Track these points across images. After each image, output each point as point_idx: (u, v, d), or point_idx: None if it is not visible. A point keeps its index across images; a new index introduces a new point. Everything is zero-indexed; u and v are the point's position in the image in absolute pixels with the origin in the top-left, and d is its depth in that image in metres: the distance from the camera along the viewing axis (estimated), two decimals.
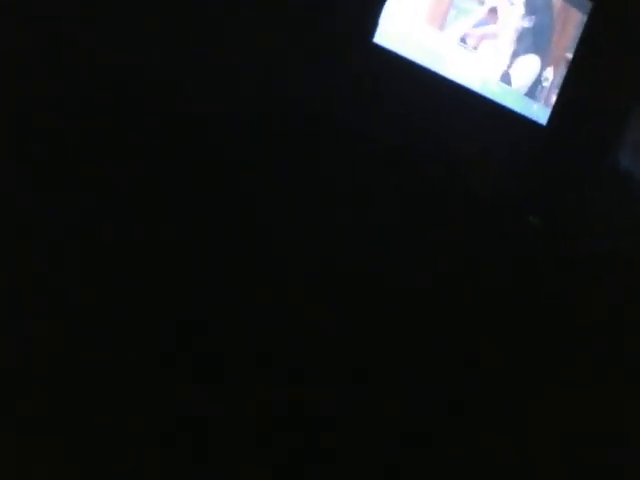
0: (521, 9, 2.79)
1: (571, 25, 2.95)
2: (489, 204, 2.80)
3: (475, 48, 2.76)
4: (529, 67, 2.93)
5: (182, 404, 1.38)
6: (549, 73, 2.98)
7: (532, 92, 2.98)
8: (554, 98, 3.04)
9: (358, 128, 2.52)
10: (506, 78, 2.89)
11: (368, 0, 2.54)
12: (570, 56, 3.00)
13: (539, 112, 3.03)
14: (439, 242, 2.47)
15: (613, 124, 3.15)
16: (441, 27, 2.67)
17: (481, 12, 2.72)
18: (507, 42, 2.82)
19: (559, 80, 3.03)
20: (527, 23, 2.82)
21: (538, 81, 2.97)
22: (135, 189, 1.83)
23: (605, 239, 2.84)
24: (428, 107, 2.75)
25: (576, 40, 2.98)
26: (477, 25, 2.73)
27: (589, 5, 2.96)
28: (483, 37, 2.77)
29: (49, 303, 1.46)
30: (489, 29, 2.77)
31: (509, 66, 2.87)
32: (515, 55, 2.87)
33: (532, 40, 2.88)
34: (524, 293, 2.36)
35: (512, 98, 2.94)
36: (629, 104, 3.13)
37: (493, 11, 2.74)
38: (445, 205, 2.65)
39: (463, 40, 2.72)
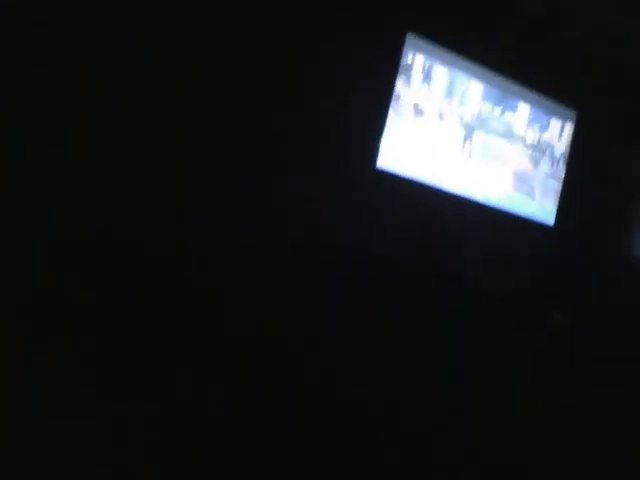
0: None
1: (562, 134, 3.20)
2: (506, 306, 2.85)
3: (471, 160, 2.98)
4: (529, 175, 3.12)
5: None
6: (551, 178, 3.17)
7: (535, 195, 3.14)
8: (557, 199, 3.19)
9: (374, 251, 2.66)
10: (511, 185, 3.07)
11: (369, 129, 2.78)
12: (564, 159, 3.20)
13: (544, 214, 3.17)
14: (466, 349, 2.50)
15: (620, 217, 3.25)
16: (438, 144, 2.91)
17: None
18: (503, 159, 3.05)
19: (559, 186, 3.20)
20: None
21: (539, 185, 3.15)
22: None
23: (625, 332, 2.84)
24: (438, 222, 2.91)
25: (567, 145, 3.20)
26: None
27: (574, 113, 3.21)
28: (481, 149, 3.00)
29: None
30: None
31: (511, 178, 3.07)
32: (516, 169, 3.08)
33: (531, 152, 3.11)
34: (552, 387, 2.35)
35: (517, 203, 3.10)
36: (630, 194, 3.26)
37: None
38: (461, 312, 2.70)
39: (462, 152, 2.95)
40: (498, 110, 3.02)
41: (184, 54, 2.32)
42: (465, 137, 2.97)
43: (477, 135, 2.98)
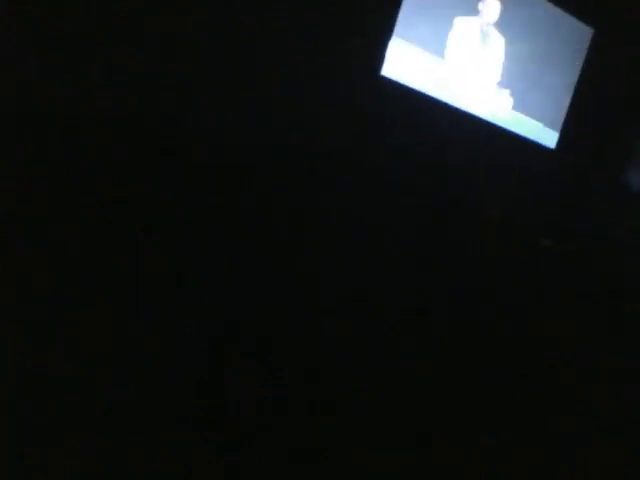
0: (520, 35, 2.87)
1: (573, 49, 3.02)
2: (501, 228, 2.84)
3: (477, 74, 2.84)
4: (535, 92, 2.99)
5: None
6: (556, 97, 3.04)
7: (540, 116, 3.03)
8: (562, 122, 3.08)
9: (370, 160, 2.59)
10: (513, 104, 2.94)
11: (375, 35, 2.63)
12: (574, 80, 3.05)
13: (548, 136, 3.07)
14: (452, 265, 2.50)
15: (622, 145, 3.17)
16: (444, 56, 2.75)
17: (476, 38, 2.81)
18: (507, 68, 2.89)
19: (566, 104, 3.08)
20: (527, 48, 2.90)
21: (545, 106, 3.02)
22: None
23: (615, 258, 2.85)
24: (437, 135, 2.82)
25: (579, 64, 3.04)
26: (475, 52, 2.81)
27: (590, 31, 3.02)
28: (483, 62, 2.84)
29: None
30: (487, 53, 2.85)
31: (514, 92, 2.93)
32: (519, 81, 2.93)
33: (536, 65, 2.95)
34: (536, 313, 2.38)
35: (520, 123, 2.99)
36: (637, 123, 3.16)
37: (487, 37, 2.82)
38: (458, 230, 2.68)
39: (466, 67, 2.80)
40: (514, 17, 2.83)
41: None
42: (476, 45, 2.80)
43: (489, 43, 2.81)
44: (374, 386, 1.70)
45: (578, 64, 3.05)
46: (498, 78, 2.88)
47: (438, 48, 2.72)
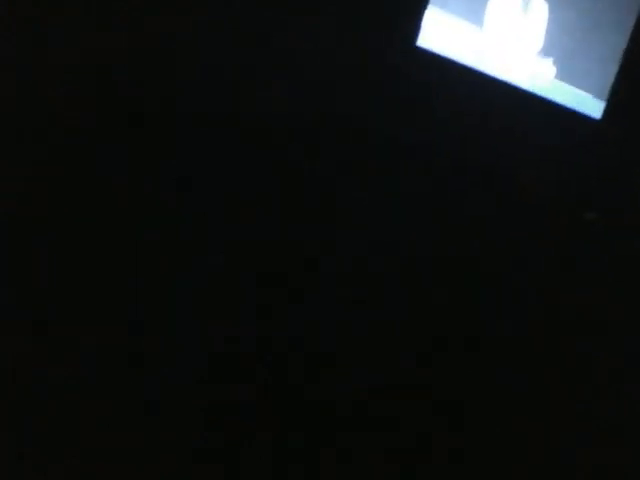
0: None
1: (622, 13, 2.86)
2: (544, 201, 2.75)
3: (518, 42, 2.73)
4: (580, 60, 2.85)
5: None
6: (602, 64, 2.89)
7: (584, 85, 2.89)
8: (608, 91, 2.93)
9: (405, 133, 2.54)
10: (556, 73, 2.82)
11: (409, 4, 2.57)
12: (624, 46, 2.89)
13: (593, 106, 2.94)
14: (493, 241, 2.45)
15: None
16: (483, 24, 2.66)
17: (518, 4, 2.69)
18: (550, 35, 2.77)
19: (614, 71, 2.93)
20: (573, 12, 2.76)
21: (590, 73, 2.88)
22: None
23: None
24: (476, 107, 2.74)
25: (629, 28, 2.88)
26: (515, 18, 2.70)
27: None
28: (524, 30, 2.73)
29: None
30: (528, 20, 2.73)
31: (557, 60, 2.81)
32: (562, 48, 2.80)
33: (581, 31, 2.81)
34: (578, 291, 2.30)
35: (563, 92, 2.87)
36: None
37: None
38: (499, 204, 2.62)
39: (506, 35, 2.70)
40: None
41: None
42: (517, 12, 2.69)
43: (531, 9, 2.70)
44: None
45: (628, 28, 2.88)
46: (540, 46, 2.76)
47: (476, 17, 2.63)
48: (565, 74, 2.82)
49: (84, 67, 1.98)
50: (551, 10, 2.71)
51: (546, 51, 2.77)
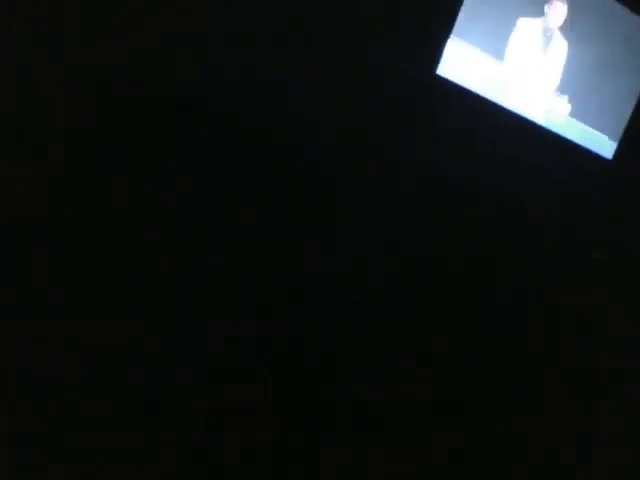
0: (585, 39, 2.78)
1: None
2: (552, 237, 2.77)
3: (535, 79, 2.77)
4: (595, 100, 2.89)
5: None
6: (617, 106, 2.93)
7: (598, 124, 2.93)
8: (621, 131, 2.97)
9: (420, 160, 2.56)
10: (570, 110, 2.86)
11: (431, 33, 2.60)
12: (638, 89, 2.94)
13: (605, 145, 2.97)
14: (499, 273, 2.46)
15: None
16: (503, 58, 2.69)
17: (539, 42, 2.74)
18: (568, 74, 2.81)
19: (627, 113, 2.97)
20: (592, 53, 2.81)
21: (604, 114, 2.92)
22: None
23: None
24: (491, 139, 2.77)
25: None
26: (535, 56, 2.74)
27: None
28: (543, 66, 2.77)
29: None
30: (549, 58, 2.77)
31: (572, 98, 2.85)
32: (578, 87, 2.84)
33: (598, 71, 2.85)
34: (584, 326, 2.31)
35: (577, 131, 2.90)
36: None
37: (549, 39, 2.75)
38: (508, 237, 2.64)
39: (525, 70, 2.74)
40: (580, 21, 2.75)
41: None
42: (538, 48, 2.73)
43: (551, 46, 2.74)
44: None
45: None
46: (557, 83, 2.80)
47: (497, 49, 2.67)
48: (579, 113, 2.86)
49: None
50: (570, 49, 2.76)
51: (562, 89, 2.81)
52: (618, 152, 2.96)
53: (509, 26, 2.66)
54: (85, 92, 1.97)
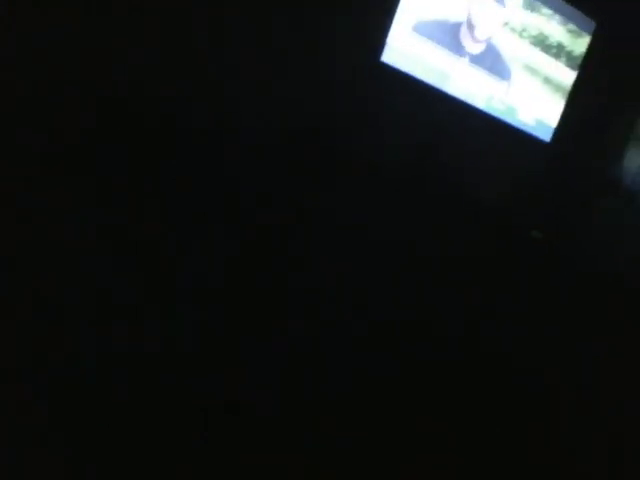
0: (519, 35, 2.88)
1: (575, 44, 3.03)
2: (492, 217, 2.87)
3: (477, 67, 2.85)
4: (532, 84, 3.00)
5: None
6: (554, 91, 3.05)
7: (536, 109, 3.04)
8: (558, 116, 3.10)
9: (365, 144, 2.61)
10: (510, 95, 2.96)
11: (375, 19, 2.63)
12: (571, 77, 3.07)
13: (543, 129, 3.09)
14: (444, 255, 2.53)
15: (615, 142, 3.20)
16: (449, 45, 2.76)
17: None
18: (508, 61, 2.90)
19: (564, 98, 3.09)
20: (528, 48, 2.91)
21: (542, 98, 3.04)
22: None
23: (605, 255, 2.90)
24: (434, 124, 2.84)
25: (578, 58, 3.05)
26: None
27: (593, 25, 3.03)
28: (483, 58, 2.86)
29: None
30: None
31: (512, 84, 2.95)
32: (516, 72, 2.94)
33: (535, 58, 2.95)
34: (525, 304, 2.42)
35: (516, 115, 3.01)
36: (632, 123, 3.18)
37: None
38: (449, 218, 2.71)
39: (468, 58, 2.81)
40: (519, 9, 2.84)
41: None
42: (475, 32, 2.80)
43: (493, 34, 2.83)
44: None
45: (578, 57, 3.06)
46: (497, 68, 2.89)
47: (440, 37, 2.73)
48: (518, 97, 2.96)
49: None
50: (511, 36, 2.85)
51: (502, 73, 2.90)
52: (555, 135, 3.10)
53: (451, 15, 2.72)
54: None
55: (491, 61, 2.87)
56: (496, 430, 1.70)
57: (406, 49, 2.68)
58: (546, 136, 3.10)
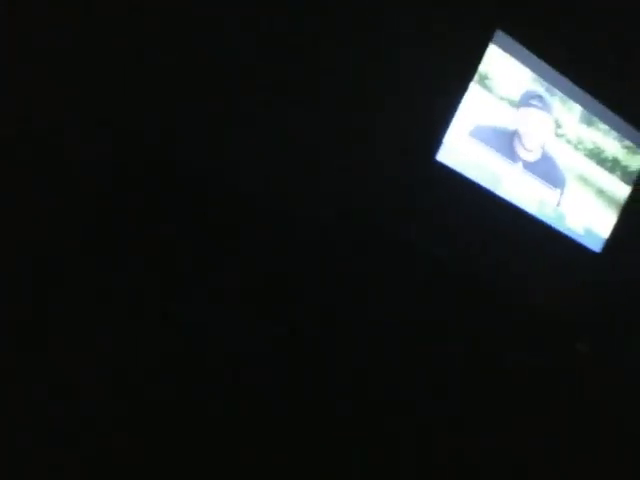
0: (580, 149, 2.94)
1: (631, 160, 3.06)
2: (539, 325, 2.83)
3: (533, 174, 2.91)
4: (585, 194, 3.02)
5: None
6: (608, 202, 3.06)
7: (588, 219, 3.05)
8: (610, 228, 3.09)
9: (417, 243, 2.65)
10: (562, 203, 2.99)
11: (433, 118, 2.73)
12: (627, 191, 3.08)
13: (593, 239, 3.08)
14: (486, 356, 2.50)
15: None
16: (503, 151, 2.83)
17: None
18: (561, 169, 2.95)
19: (617, 209, 3.10)
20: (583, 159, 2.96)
21: (596, 209, 3.05)
22: None
23: None
24: (486, 226, 2.87)
25: (634, 174, 3.07)
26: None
27: None
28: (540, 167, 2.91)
29: None
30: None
31: (564, 193, 2.98)
32: (570, 181, 2.98)
33: (589, 168, 2.99)
34: (567, 411, 2.34)
35: (567, 224, 3.02)
36: None
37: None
38: (496, 321, 2.69)
39: (524, 165, 2.88)
40: (576, 123, 2.91)
41: None
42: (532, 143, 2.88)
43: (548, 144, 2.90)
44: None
45: (634, 173, 3.08)
46: (551, 176, 2.93)
47: (495, 143, 2.81)
48: (571, 206, 2.99)
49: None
50: (564, 150, 2.92)
51: (555, 183, 2.94)
52: (606, 247, 3.08)
53: (505, 124, 2.82)
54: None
55: (545, 169, 2.92)
56: None
57: (462, 151, 2.76)
58: (596, 246, 3.08)
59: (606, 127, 2.98)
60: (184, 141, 2.27)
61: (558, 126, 2.91)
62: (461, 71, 2.68)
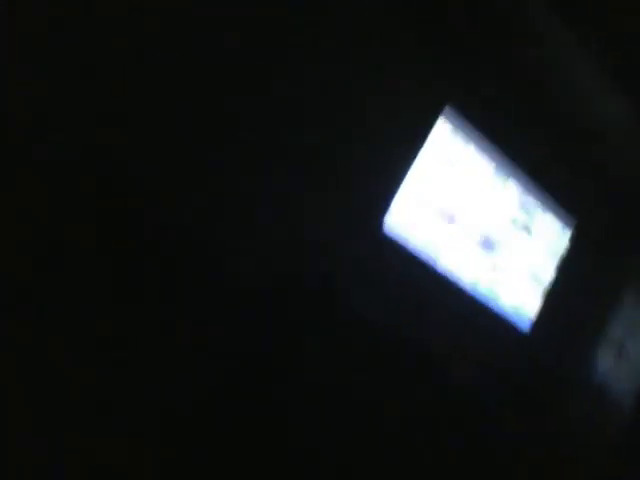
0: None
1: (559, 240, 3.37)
2: (462, 397, 2.85)
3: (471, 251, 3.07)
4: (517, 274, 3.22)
5: None
6: (533, 283, 3.29)
7: (516, 297, 3.24)
8: (537, 309, 3.29)
9: (359, 311, 2.65)
10: (494, 282, 3.17)
11: (380, 192, 2.76)
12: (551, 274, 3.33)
13: (522, 320, 3.24)
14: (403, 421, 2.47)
15: (586, 343, 3.36)
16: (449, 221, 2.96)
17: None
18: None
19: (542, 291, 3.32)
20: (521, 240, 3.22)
21: (522, 288, 3.24)
22: None
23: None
24: (421, 297, 2.92)
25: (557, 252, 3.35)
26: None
27: (574, 222, 3.35)
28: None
29: None
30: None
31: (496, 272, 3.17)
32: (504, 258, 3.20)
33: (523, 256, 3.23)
34: None
35: (498, 302, 3.16)
36: (608, 318, 3.37)
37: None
38: (418, 390, 2.69)
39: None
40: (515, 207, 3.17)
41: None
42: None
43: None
44: None
45: (553, 263, 3.34)
46: (487, 245, 3.11)
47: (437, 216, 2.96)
48: (502, 283, 3.15)
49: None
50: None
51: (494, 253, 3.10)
52: (533, 328, 3.24)
53: (446, 202, 3.01)
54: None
55: (482, 240, 3.11)
56: None
57: (407, 222, 2.86)
58: (523, 325, 3.23)
59: (540, 207, 3.24)
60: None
61: (495, 204, 3.14)
62: (410, 141, 2.77)
